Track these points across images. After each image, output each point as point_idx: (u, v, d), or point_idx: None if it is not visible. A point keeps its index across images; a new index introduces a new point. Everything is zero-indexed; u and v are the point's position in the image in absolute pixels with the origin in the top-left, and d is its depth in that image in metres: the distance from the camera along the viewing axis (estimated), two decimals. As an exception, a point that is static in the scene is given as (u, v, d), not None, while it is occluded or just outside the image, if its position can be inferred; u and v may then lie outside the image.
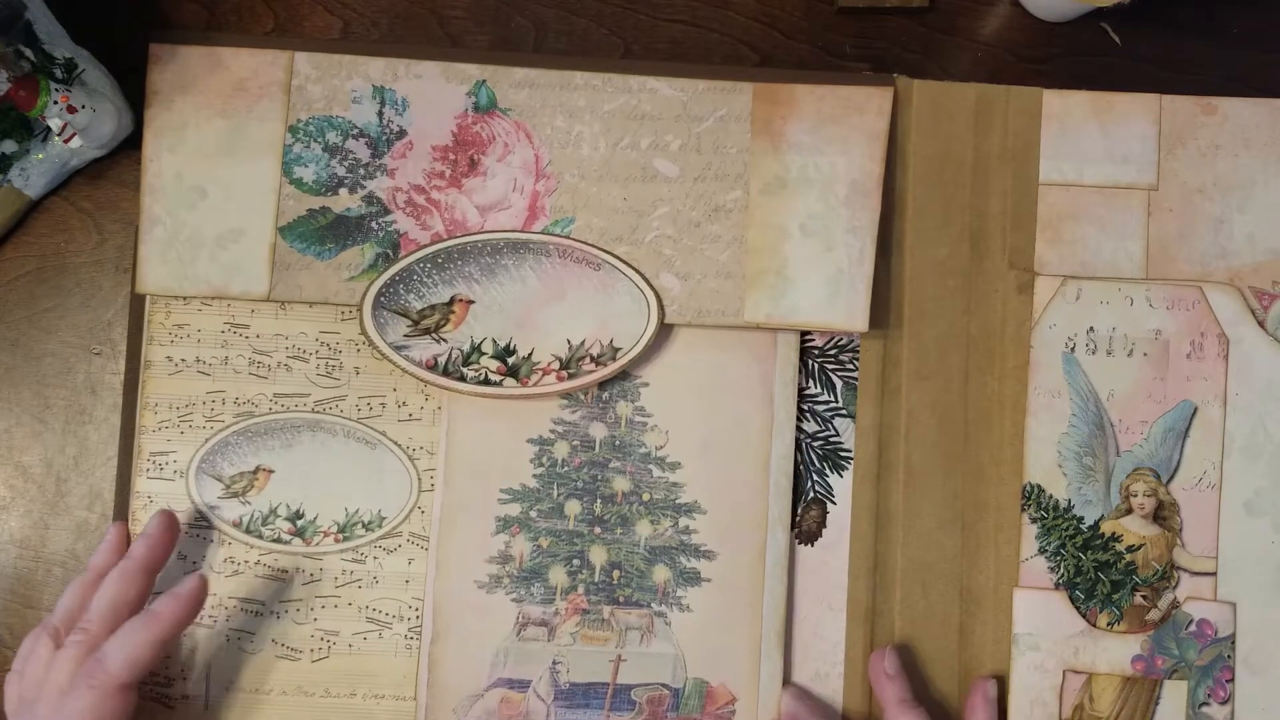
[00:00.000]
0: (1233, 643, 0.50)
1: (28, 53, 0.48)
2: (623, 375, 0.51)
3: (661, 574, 0.50)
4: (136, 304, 0.51)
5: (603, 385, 0.51)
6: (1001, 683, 0.50)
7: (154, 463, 0.50)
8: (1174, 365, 0.51)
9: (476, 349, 0.50)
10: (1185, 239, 0.52)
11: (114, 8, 0.53)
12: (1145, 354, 0.51)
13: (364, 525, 0.50)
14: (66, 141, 0.50)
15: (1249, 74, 0.55)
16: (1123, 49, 0.56)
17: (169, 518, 0.48)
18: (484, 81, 0.51)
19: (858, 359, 0.52)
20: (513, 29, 0.54)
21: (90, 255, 0.53)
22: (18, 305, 0.53)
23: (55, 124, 0.48)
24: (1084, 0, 0.52)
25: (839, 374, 0.52)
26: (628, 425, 0.51)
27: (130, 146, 0.52)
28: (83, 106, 0.48)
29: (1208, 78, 0.55)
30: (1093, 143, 0.52)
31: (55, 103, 0.48)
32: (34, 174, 0.51)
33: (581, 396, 0.51)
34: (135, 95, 0.51)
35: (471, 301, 0.50)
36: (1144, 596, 0.50)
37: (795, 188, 0.51)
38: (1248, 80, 0.55)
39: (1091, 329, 0.51)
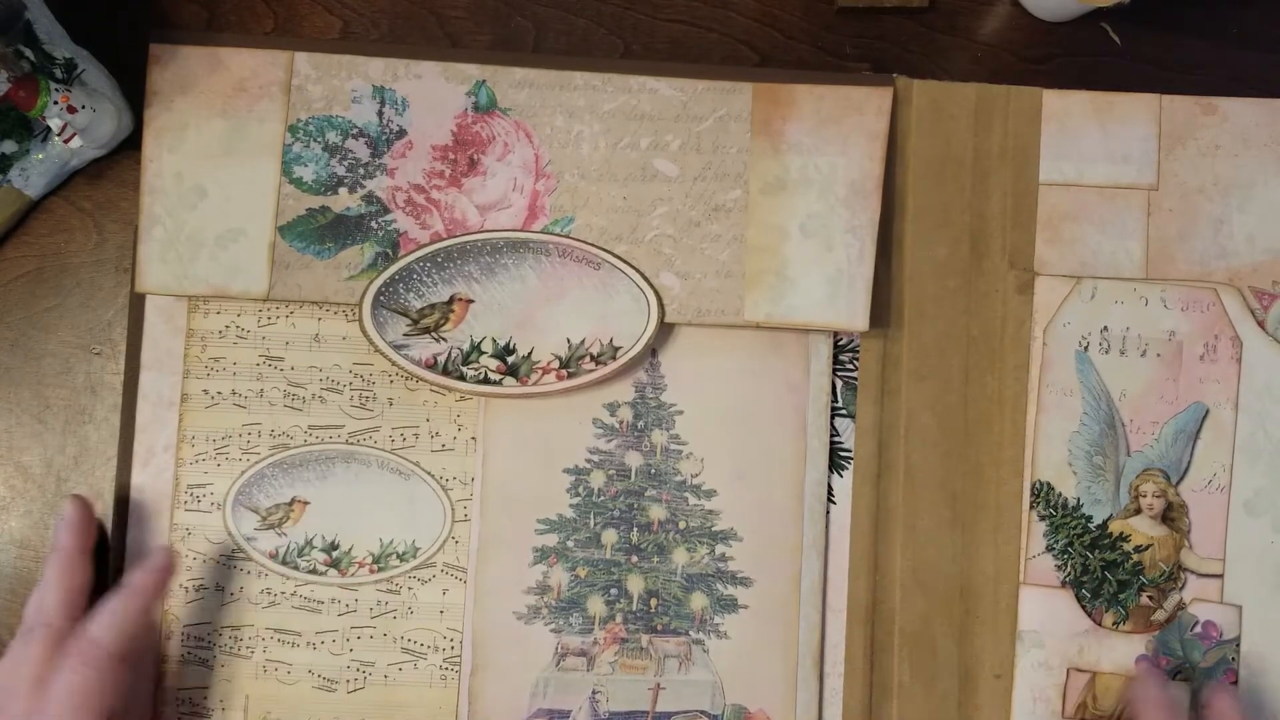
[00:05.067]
0: (1237, 645, 0.50)
1: (28, 53, 0.48)
2: (657, 404, 0.51)
3: (699, 601, 0.50)
4: (136, 303, 0.51)
5: (638, 414, 0.51)
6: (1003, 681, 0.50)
7: (191, 495, 0.50)
8: (1187, 367, 0.51)
9: (476, 348, 0.50)
10: (1185, 239, 0.52)
11: (114, 8, 0.53)
12: (1158, 355, 0.51)
13: (398, 556, 0.50)
14: (66, 141, 0.49)
15: (1249, 74, 0.55)
16: (1123, 49, 0.56)
17: (82, 502, 0.48)
18: (484, 81, 0.51)
19: (858, 359, 0.52)
20: (513, 29, 0.54)
21: (90, 255, 0.53)
22: (18, 305, 0.53)
23: (55, 124, 0.48)
24: (1084, 0, 0.52)
25: (839, 374, 0.52)
26: (663, 453, 0.51)
27: (130, 146, 0.52)
28: (83, 106, 0.48)
29: (1208, 78, 0.55)
30: (1093, 143, 0.52)
31: (55, 103, 0.48)
32: (34, 174, 0.51)
33: (617, 425, 0.51)
34: (135, 95, 0.51)
35: (471, 300, 0.50)
36: (1150, 597, 0.50)
37: (795, 188, 0.51)
38: (1248, 80, 0.55)
39: (1105, 328, 0.51)
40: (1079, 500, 0.51)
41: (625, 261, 0.50)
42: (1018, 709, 0.50)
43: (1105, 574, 0.50)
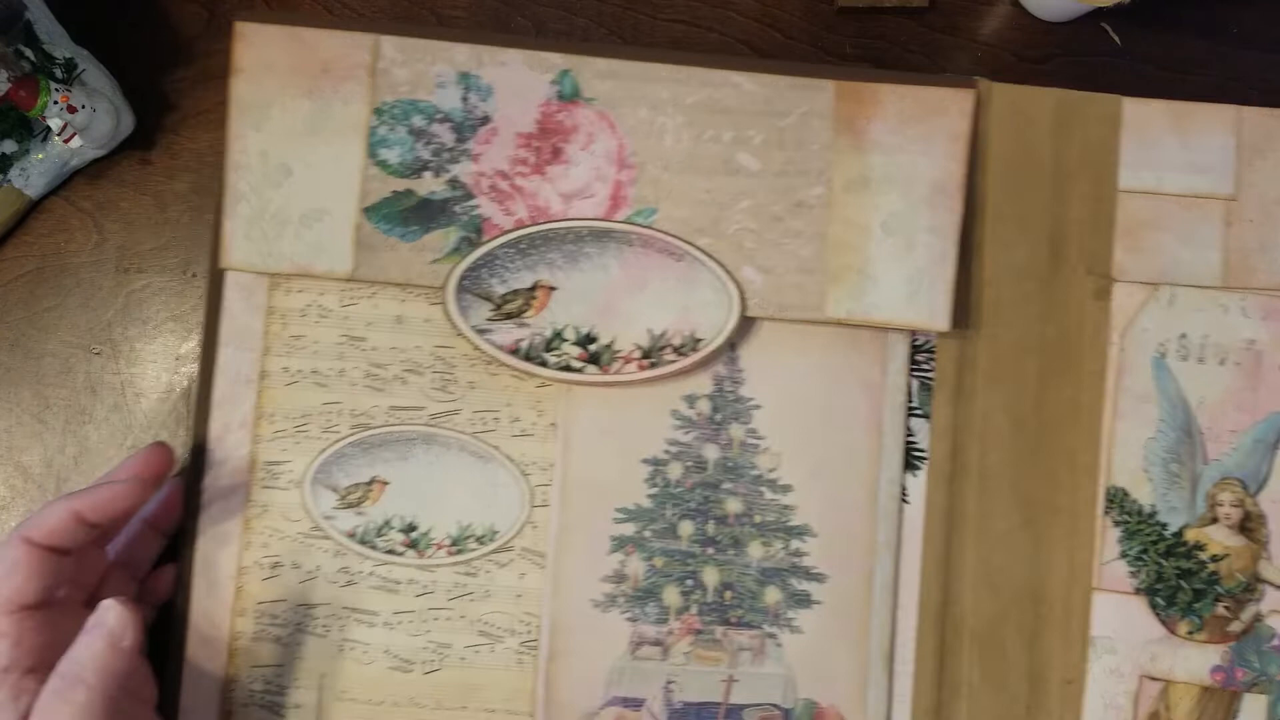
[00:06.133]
0: (1315, 661, 0.50)
1: (28, 53, 0.49)
2: (735, 398, 0.51)
3: (773, 595, 0.50)
4: (215, 279, 0.51)
5: (716, 407, 0.51)
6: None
7: (268, 472, 0.50)
8: (1266, 376, 0.51)
9: (558, 335, 0.50)
10: (1266, 250, 0.52)
11: (114, 8, 0.53)
12: (1237, 363, 0.51)
13: (476, 539, 0.50)
14: (66, 141, 0.50)
15: (1249, 74, 0.55)
16: (1123, 49, 0.56)
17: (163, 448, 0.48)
18: (568, 71, 0.51)
19: (934, 359, 0.52)
20: (512, 29, 0.54)
21: (90, 255, 0.53)
22: (18, 305, 0.52)
23: (55, 124, 0.48)
24: (1084, 0, 0.52)
25: (915, 374, 0.52)
26: (740, 447, 0.51)
27: (130, 146, 0.52)
28: (83, 106, 0.48)
29: (1208, 78, 0.55)
30: (1171, 152, 0.52)
31: (55, 103, 0.48)
32: (34, 174, 0.51)
33: (695, 417, 0.51)
34: (135, 95, 0.51)
35: (554, 288, 0.50)
36: (1226, 607, 0.50)
37: (877, 186, 0.51)
38: (1248, 80, 0.55)
39: (1184, 335, 0.51)
40: (1154, 507, 0.51)
41: (707, 254, 0.50)
42: (1088, 715, 0.50)
43: (1180, 582, 0.50)
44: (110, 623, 0.41)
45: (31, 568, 0.42)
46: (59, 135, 0.49)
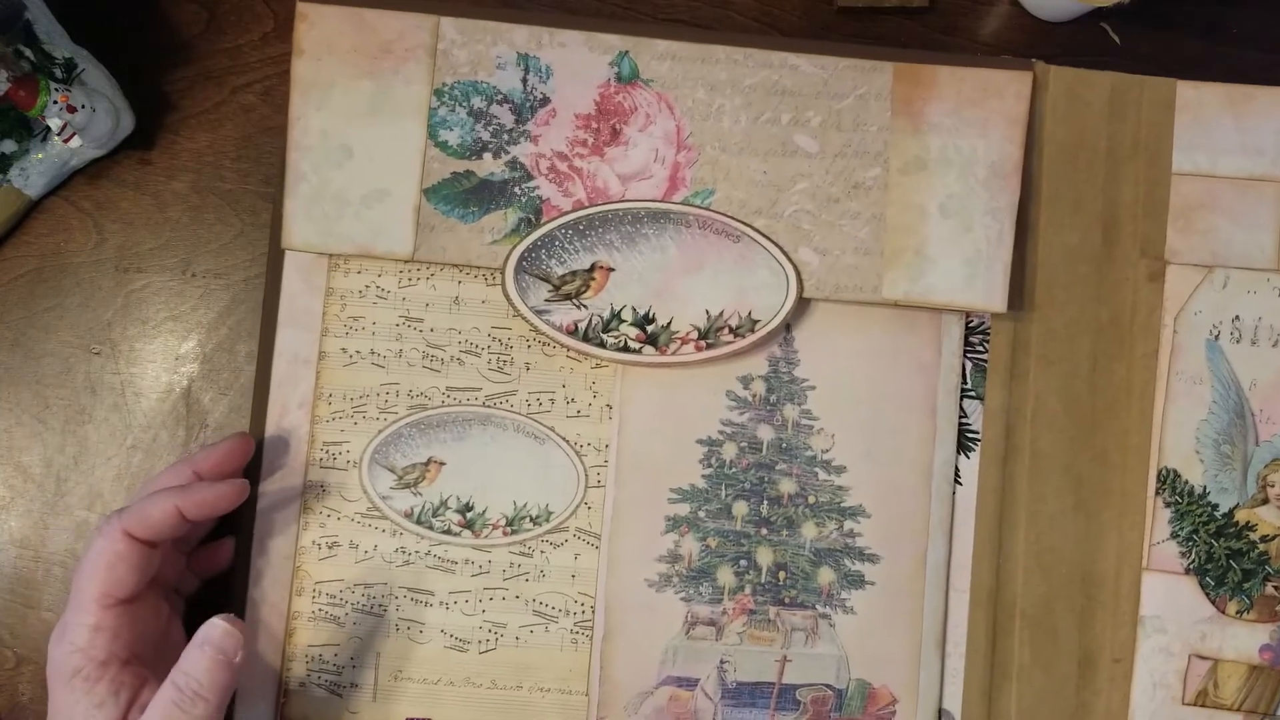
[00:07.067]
0: (1362, 640, 0.50)
1: (28, 53, 0.49)
2: (790, 379, 0.51)
3: (826, 576, 0.51)
4: (275, 260, 0.51)
5: (770, 388, 0.51)
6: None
7: (327, 452, 0.50)
8: (1320, 358, 0.51)
9: (616, 316, 0.50)
10: (1320, 233, 0.52)
11: (114, 8, 0.53)
12: (1291, 345, 0.52)
13: (531, 519, 0.50)
14: (66, 141, 0.50)
15: (1249, 74, 0.55)
16: (1123, 49, 0.56)
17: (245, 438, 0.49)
18: (626, 52, 0.51)
19: (988, 341, 0.52)
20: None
21: (90, 255, 0.53)
22: (17, 305, 0.53)
23: (55, 124, 0.48)
24: (1084, 0, 0.52)
25: (969, 355, 0.52)
26: (794, 428, 0.51)
27: (130, 146, 0.52)
28: (82, 106, 0.48)
29: (1208, 78, 0.54)
30: (1226, 135, 0.52)
31: (55, 102, 0.48)
32: (34, 174, 0.51)
33: (749, 398, 0.51)
34: (135, 95, 0.51)
35: (612, 269, 0.50)
36: (1276, 587, 0.51)
37: (935, 168, 0.51)
38: (1248, 81, 0.54)
39: (1237, 317, 0.52)
40: (1205, 488, 0.51)
41: (764, 235, 0.50)
42: (1137, 693, 0.50)
43: (1230, 562, 0.51)
44: (217, 639, 0.42)
45: (130, 561, 0.43)
46: (59, 135, 0.49)
